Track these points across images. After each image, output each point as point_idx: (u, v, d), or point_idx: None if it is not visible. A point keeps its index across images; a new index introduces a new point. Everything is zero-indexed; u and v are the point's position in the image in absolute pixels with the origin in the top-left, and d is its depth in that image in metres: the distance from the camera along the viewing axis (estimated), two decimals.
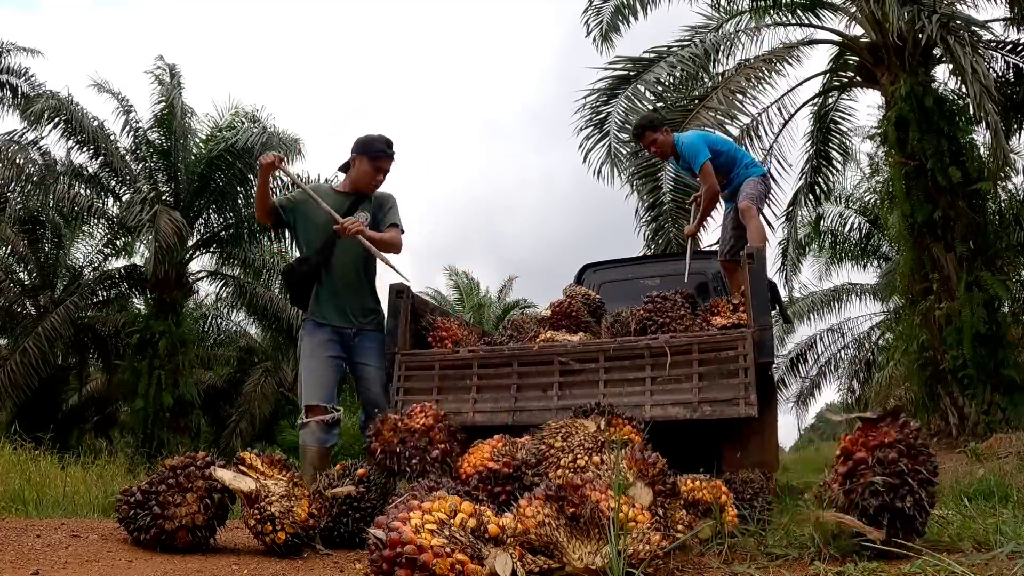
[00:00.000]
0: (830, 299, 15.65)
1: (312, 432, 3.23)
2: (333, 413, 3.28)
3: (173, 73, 12.64)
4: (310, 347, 3.38)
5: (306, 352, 3.39)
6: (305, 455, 3.23)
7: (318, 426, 3.22)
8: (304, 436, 3.25)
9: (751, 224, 4.17)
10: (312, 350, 3.37)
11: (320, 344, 3.36)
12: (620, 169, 8.86)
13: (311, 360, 3.35)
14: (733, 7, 8.96)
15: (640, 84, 8.46)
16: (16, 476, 4.49)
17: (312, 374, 3.33)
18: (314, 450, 3.21)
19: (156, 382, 11.90)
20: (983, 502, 2.66)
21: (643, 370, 3.00)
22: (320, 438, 3.23)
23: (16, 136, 11.79)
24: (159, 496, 2.18)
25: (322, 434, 3.23)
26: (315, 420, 3.23)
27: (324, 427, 3.24)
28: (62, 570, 1.83)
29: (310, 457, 3.19)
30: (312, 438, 3.23)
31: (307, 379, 3.34)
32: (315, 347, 3.37)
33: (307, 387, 3.31)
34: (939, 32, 6.65)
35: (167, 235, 10.53)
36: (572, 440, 2.27)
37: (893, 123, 7.66)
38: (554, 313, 3.69)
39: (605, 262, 5.41)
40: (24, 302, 13.85)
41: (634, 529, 1.63)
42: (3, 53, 12.23)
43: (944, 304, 7.29)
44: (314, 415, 3.24)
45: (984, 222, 7.64)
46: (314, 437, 3.22)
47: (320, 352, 3.35)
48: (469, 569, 1.39)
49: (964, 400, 7.10)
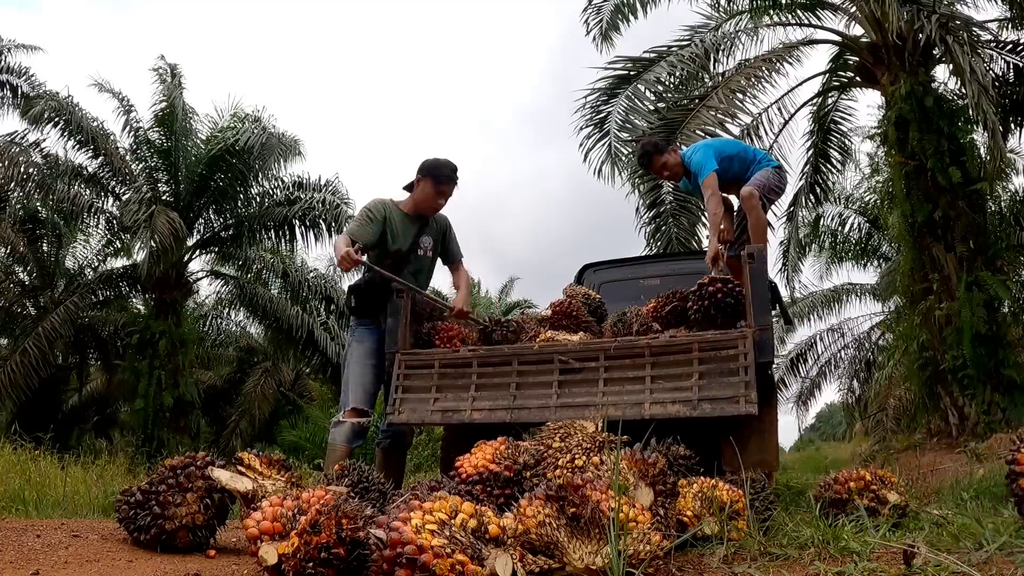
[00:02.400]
0: (830, 299, 15.65)
1: (344, 432, 3.33)
2: (369, 418, 3.43)
3: (174, 73, 12.64)
4: (362, 352, 3.52)
5: (356, 357, 3.52)
6: (334, 452, 3.31)
7: (352, 428, 3.34)
8: (335, 434, 3.35)
9: (752, 215, 3.99)
10: (364, 355, 3.50)
11: (372, 352, 3.49)
12: (620, 168, 8.86)
13: (360, 365, 3.49)
14: (733, 7, 8.96)
15: (640, 84, 8.46)
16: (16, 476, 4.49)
17: (362, 378, 3.46)
18: (344, 449, 3.29)
19: (156, 382, 11.90)
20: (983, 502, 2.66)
21: (643, 369, 3.00)
22: (351, 439, 3.34)
23: (17, 137, 11.79)
24: (159, 496, 2.18)
25: (354, 436, 3.35)
26: (353, 421, 3.35)
27: (358, 430, 3.36)
28: (62, 570, 1.83)
29: (337, 455, 3.25)
30: (343, 437, 3.33)
31: (355, 381, 3.45)
32: (366, 353, 3.50)
33: (354, 388, 3.43)
34: (938, 32, 6.65)
35: (164, 235, 10.52)
36: (570, 441, 2.28)
37: (893, 123, 7.66)
38: (554, 313, 3.70)
39: (605, 262, 5.41)
40: (24, 302, 13.85)
41: (634, 529, 1.63)
42: (3, 52, 12.24)
43: (944, 304, 7.29)
44: (350, 417, 3.36)
45: (984, 222, 7.63)
46: (345, 437, 3.33)
47: (367, 360, 3.49)
48: (469, 570, 1.39)
49: (964, 400, 7.09)
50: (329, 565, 1.61)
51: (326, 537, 1.61)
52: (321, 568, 1.61)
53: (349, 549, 1.63)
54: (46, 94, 11.71)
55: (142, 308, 14.30)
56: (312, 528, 1.64)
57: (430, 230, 3.67)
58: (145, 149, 12.67)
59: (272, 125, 12.67)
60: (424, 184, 3.54)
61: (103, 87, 12.19)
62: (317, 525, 1.64)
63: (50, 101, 11.41)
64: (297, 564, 1.61)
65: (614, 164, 8.78)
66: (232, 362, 18.09)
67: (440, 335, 3.52)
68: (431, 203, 3.57)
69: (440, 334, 3.52)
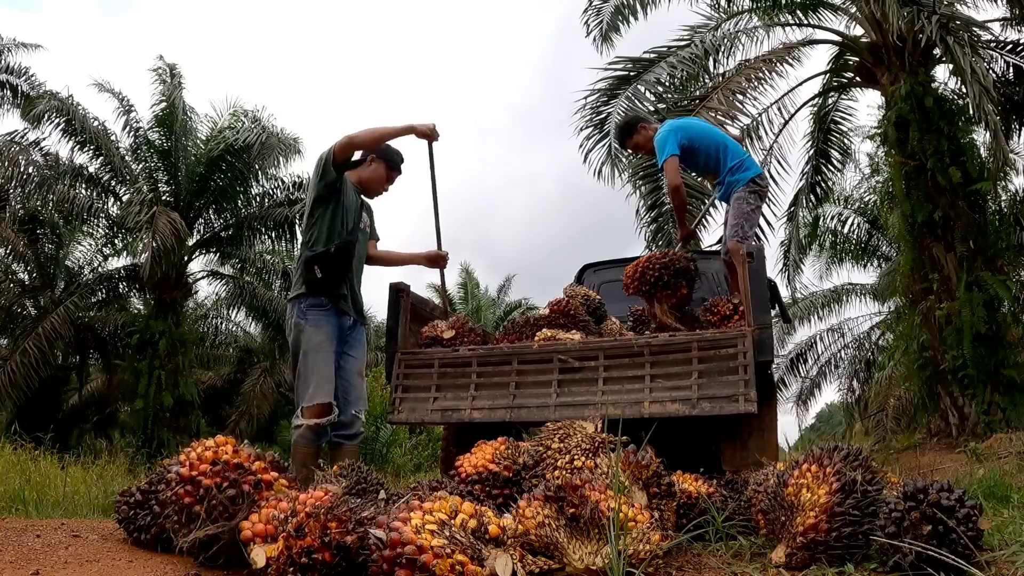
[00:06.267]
0: (830, 299, 15.64)
1: (305, 435, 3.05)
2: (336, 414, 3.11)
3: (173, 73, 12.63)
4: (318, 340, 3.15)
5: (312, 345, 3.14)
6: (296, 456, 3.05)
7: (317, 428, 3.05)
8: (298, 436, 3.07)
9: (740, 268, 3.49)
10: (320, 344, 3.14)
11: (329, 338, 3.17)
12: (620, 169, 8.86)
13: (318, 355, 3.12)
14: (733, 7, 8.96)
15: (640, 84, 8.45)
16: (16, 476, 4.49)
17: (322, 370, 3.11)
18: (311, 451, 3.05)
19: (156, 382, 11.90)
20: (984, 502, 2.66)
21: (642, 368, 3.00)
22: (314, 440, 3.08)
23: (17, 136, 11.79)
24: (159, 496, 2.18)
25: (318, 436, 3.09)
26: (317, 422, 3.04)
27: (322, 428, 3.07)
28: (62, 570, 1.83)
29: (302, 457, 3.02)
30: (305, 440, 3.06)
31: (315, 374, 3.10)
32: (324, 341, 3.15)
33: (316, 383, 3.08)
34: (939, 32, 6.64)
35: (165, 236, 10.53)
36: (569, 442, 2.28)
37: (893, 123, 7.66)
38: (552, 312, 3.70)
39: (605, 262, 5.41)
40: (24, 302, 13.84)
41: (634, 529, 1.63)
42: (3, 52, 12.23)
43: (944, 304, 7.28)
44: (314, 413, 3.05)
45: (984, 222, 7.63)
46: (307, 440, 3.06)
47: (328, 346, 3.16)
48: (469, 570, 1.39)
49: (964, 400, 7.09)
50: (312, 569, 1.59)
51: (310, 541, 1.60)
52: (302, 573, 1.58)
53: (335, 553, 1.61)
54: (47, 94, 11.71)
55: (142, 308, 14.30)
56: (296, 532, 1.62)
57: (366, 208, 3.53)
58: (145, 149, 12.67)
59: (271, 124, 12.69)
60: (377, 165, 3.45)
61: (103, 87, 12.21)
62: (301, 529, 1.62)
63: (52, 101, 11.41)
64: (280, 568, 1.60)
65: (614, 165, 8.78)
66: (232, 362, 18.07)
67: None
68: (378, 185, 3.50)
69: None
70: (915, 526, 1.58)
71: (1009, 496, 2.84)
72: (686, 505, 2.17)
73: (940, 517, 1.56)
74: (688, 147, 4.12)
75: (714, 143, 4.22)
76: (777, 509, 1.84)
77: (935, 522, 1.57)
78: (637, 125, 4.36)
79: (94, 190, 12.45)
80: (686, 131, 4.17)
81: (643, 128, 4.33)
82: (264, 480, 1.96)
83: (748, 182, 4.07)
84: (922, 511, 1.60)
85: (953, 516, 1.57)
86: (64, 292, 13.54)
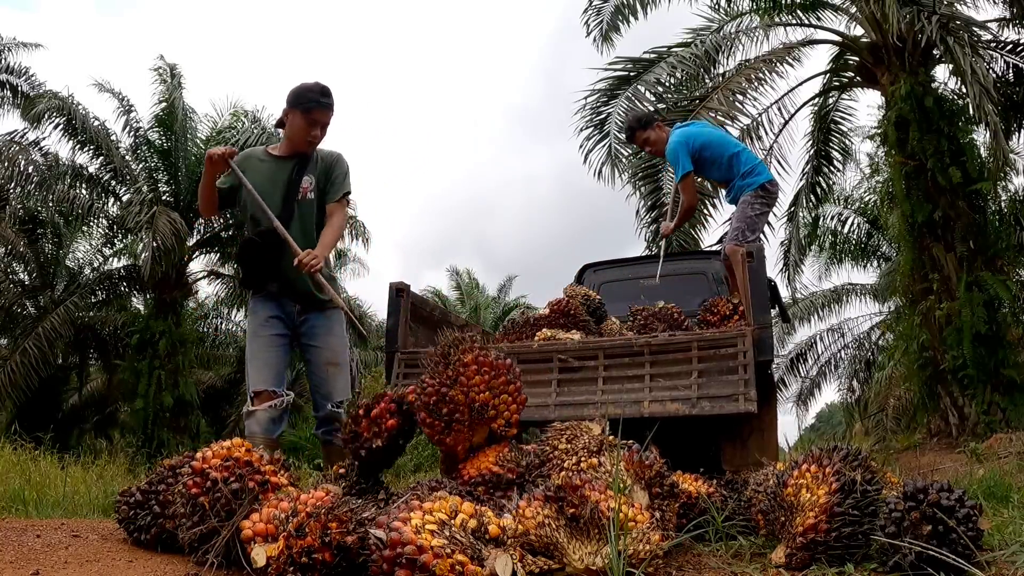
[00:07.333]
0: (830, 299, 15.64)
1: (260, 422, 2.89)
2: (283, 398, 2.96)
3: (174, 73, 12.64)
4: (253, 327, 3.06)
5: (250, 332, 3.07)
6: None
7: (266, 414, 2.90)
8: (251, 425, 2.90)
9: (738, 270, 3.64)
10: (255, 330, 3.05)
11: (263, 323, 3.04)
12: (621, 170, 8.86)
13: (253, 342, 3.04)
14: (733, 8, 8.96)
15: (640, 85, 8.46)
16: (16, 476, 4.48)
17: (263, 354, 3.01)
18: (265, 440, 2.83)
19: (156, 382, 11.91)
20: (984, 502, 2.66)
21: (642, 367, 3.00)
22: (269, 428, 2.91)
23: (17, 136, 11.80)
24: (159, 496, 2.18)
25: (272, 424, 2.92)
26: (262, 408, 2.90)
27: (273, 415, 2.92)
28: (62, 570, 1.83)
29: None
30: (261, 427, 2.89)
31: (257, 360, 3.00)
32: (258, 327, 3.04)
33: (257, 369, 2.98)
34: (939, 33, 6.65)
35: (165, 236, 10.54)
36: (576, 443, 2.27)
37: (893, 123, 7.66)
38: (552, 311, 3.70)
39: (605, 262, 5.41)
40: (24, 302, 13.84)
41: (634, 529, 1.63)
42: (3, 51, 12.23)
43: (944, 304, 7.29)
44: (261, 402, 2.92)
45: (984, 222, 7.64)
46: (263, 427, 2.89)
47: (263, 331, 3.03)
48: (469, 570, 1.39)
49: (964, 400, 7.09)
50: (312, 569, 1.59)
51: (310, 541, 1.61)
52: (302, 572, 1.59)
53: (335, 553, 1.61)
54: (47, 93, 11.72)
55: (142, 308, 14.30)
56: (297, 531, 1.63)
57: (312, 168, 3.09)
58: (145, 149, 12.68)
59: (271, 124, 12.68)
60: (293, 117, 3.00)
61: (103, 87, 12.22)
62: (302, 528, 1.63)
63: (52, 100, 11.41)
64: (279, 567, 1.61)
65: (614, 165, 8.79)
66: (232, 362, 18.07)
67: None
68: (304, 136, 3.01)
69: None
70: (915, 526, 1.58)
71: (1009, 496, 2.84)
72: (686, 505, 2.17)
73: (940, 517, 1.56)
74: (698, 156, 4.21)
75: (725, 149, 4.28)
76: (777, 509, 1.84)
77: (935, 522, 1.57)
78: (653, 123, 4.45)
79: (94, 190, 12.46)
80: (696, 139, 4.23)
81: (658, 127, 4.42)
82: (272, 483, 1.98)
83: (758, 187, 4.12)
84: (922, 511, 1.60)
85: (953, 516, 1.57)
86: (64, 292, 13.55)
